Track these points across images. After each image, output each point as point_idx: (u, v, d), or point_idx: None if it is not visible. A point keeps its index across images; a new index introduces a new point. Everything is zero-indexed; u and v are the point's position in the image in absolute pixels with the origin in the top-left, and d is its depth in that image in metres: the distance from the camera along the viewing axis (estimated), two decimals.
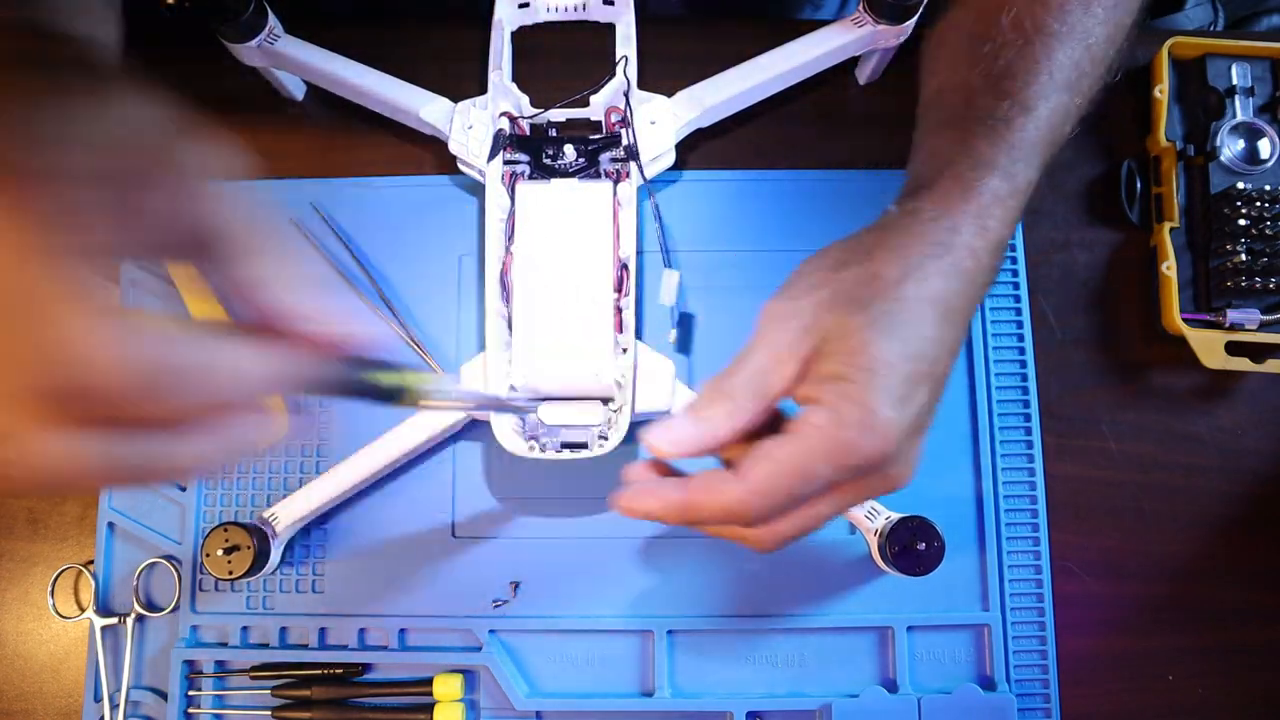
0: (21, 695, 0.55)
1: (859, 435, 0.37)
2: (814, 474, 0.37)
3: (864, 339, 0.38)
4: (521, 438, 0.49)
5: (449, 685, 0.52)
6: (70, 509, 0.56)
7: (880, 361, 0.38)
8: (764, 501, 0.38)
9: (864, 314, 0.39)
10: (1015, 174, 0.43)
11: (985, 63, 0.47)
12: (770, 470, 0.38)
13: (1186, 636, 0.55)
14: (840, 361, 0.38)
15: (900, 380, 0.38)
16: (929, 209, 0.42)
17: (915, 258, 0.40)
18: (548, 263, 0.50)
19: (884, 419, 0.37)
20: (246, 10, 0.53)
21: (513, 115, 0.53)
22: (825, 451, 0.37)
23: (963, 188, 0.43)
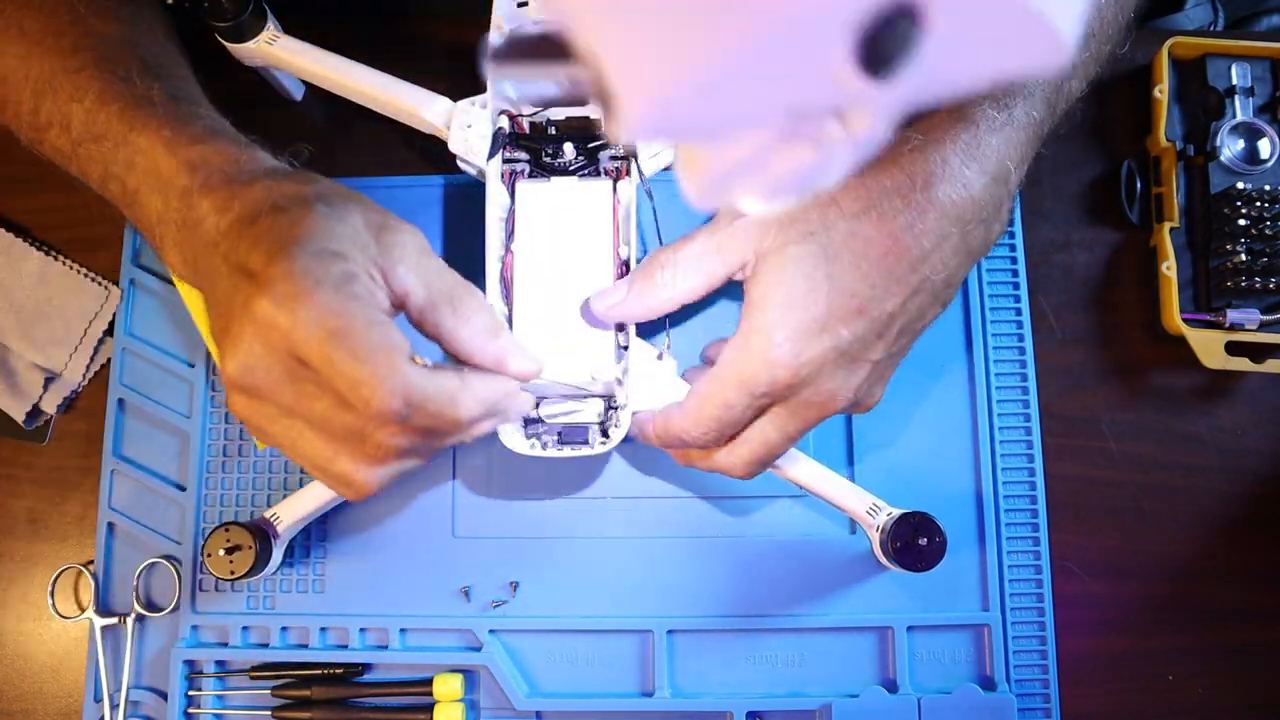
0: (21, 695, 0.54)
1: (760, 367, 0.40)
2: (730, 403, 0.42)
3: (788, 274, 0.40)
4: (522, 436, 0.49)
5: (449, 685, 0.52)
6: (70, 509, 0.56)
7: (794, 296, 0.40)
8: (699, 429, 0.43)
9: (802, 244, 0.40)
10: (1011, 105, 0.43)
11: None
12: (696, 403, 0.43)
13: (1186, 636, 0.55)
14: (762, 287, 0.41)
15: (815, 315, 0.40)
16: (915, 136, 0.42)
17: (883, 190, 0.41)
18: (548, 261, 0.50)
19: (783, 352, 0.40)
20: (246, 10, 0.53)
21: (512, 114, 0.53)
22: (735, 382, 0.41)
23: (954, 115, 0.42)
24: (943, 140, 0.41)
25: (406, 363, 0.36)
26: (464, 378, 0.38)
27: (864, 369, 0.42)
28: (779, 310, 0.40)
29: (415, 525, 0.55)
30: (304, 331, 0.34)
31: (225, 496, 0.56)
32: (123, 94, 0.42)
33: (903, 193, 0.40)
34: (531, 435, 0.49)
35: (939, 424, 0.56)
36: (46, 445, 0.57)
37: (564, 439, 0.49)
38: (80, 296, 0.58)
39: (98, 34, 0.45)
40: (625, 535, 0.55)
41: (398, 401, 0.35)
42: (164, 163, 0.40)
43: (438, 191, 0.59)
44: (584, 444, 0.49)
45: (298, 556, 0.55)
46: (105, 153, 0.42)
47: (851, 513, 0.51)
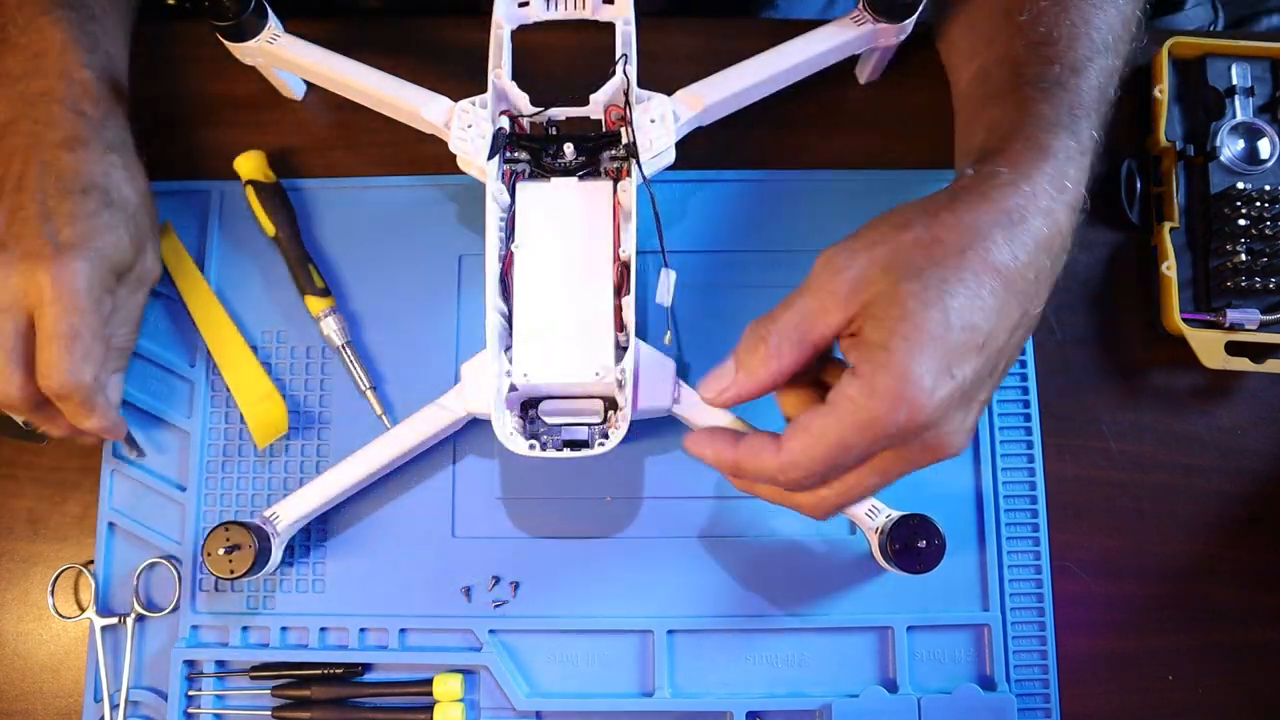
0: (21, 695, 0.54)
1: (891, 408, 0.37)
2: (848, 445, 0.38)
3: (909, 308, 0.38)
4: (522, 436, 0.49)
5: (449, 685, 0.52)
6: (70, 509, 0.56)
7: (922, 331, 0.37)
8: (799, 472, 0.40)
9: (915, 281, 0.38)
10: (1080, 131, 0.43)
11: (1025, 32, 0.47)
12: (805, 443, 0.39)
13: (1186, 636, 0.55)
14: (883, 329, 0.38)
15: (943, 351, 0.38)
16: (1005, 172, 0.41)
17: (984, 226, 0.40)
18: (548, 261, 0.50)
19: (917, 391, 0.37)
20: (247, 10, 0.53)
21: (513, 114, 0.53)
22: (857, 424, 0.38)
23: (1037, 149, 0.42)
24: (1031, 175, 0.41)
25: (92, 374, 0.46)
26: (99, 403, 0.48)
27: (975, 409, 0.40)
28: (907, 351, 0.37)
29: (415, 525, 0.55)
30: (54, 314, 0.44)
31: (225, 496, 0.56)
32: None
33: (1002, 227, 0.40)
34: (531, 436, 0.49)
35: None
36: (46, 445, 0.57)
37: (564, 441, 0.49)
38: None
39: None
40: (625, 535, 0.55)
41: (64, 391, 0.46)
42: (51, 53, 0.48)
43: (438, 191, 0.59)
44: (584, 445, 0.49)
45: (297, 556, 0.55)
46: None
47: (850, 514, 0.51)
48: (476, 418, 0.52)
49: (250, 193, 0.57)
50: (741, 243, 0.58)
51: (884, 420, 0.37)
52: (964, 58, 0.51)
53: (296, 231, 0.57)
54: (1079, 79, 0.45)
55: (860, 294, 0.39)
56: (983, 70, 0.49)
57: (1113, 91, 0.47)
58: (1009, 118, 0.44)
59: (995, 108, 0.46)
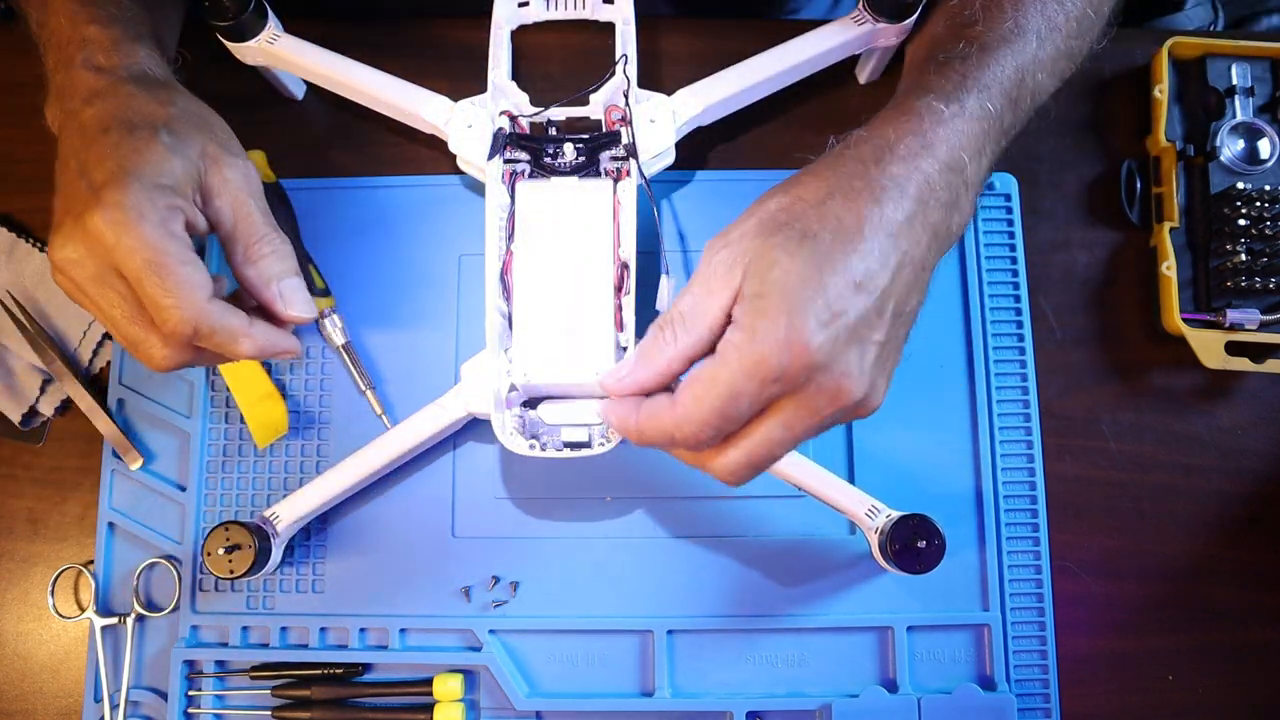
0: (21, 695, 0.54)
1: (773, 348, 0.38)
2: (737, 392, 0.39)
3: (776, 257, 0.39)
4: (522, 437, 0.49)
5: (449, 685, 0.52)
6: (70, 509, 0.56)
7: (791, 275, 0.39)
8: (693, 425, 0.40)
9: (780, 234, 0.40)
10: (961, 99, 0.44)
11: (953, 14, 0.48)
12: (695, 393, 0.39)
13: (1186, 636, 0.55)
14: (756, 280, 0.39)
15: (817, 289, 0.38)
16: (862, 133, 0.43)
17: (840, 177, 0.41)
18: (548, 261, 0.50)
19: (797, 328, 0.38)
20: (247, 10, 0.53)
21: (513, 114, 0.53)
22: (743, 368, 0.38)
23: (899, 110, 0.44)
24: (886, 130, 0.43)
25: (205, 300, 0.42)
26: (252, 323, 0.44)
27: (871, 351, 0.40)
28: (782, 295, 0.38)
29: (415, 525, 0.55)
30: (124, 254, 0.41)
31: (225, 496, 0.56)
32: None
33: (859, 174, 0.41)
34: (531, 436, 0.49)
35: (939, 424, 0.56)
36: (47, 446, 0.57)
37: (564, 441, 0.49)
38: None
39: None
40: (625, 535, 0.55)
41: (188, 328, 0.42)
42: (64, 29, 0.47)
43: (438, 191, 0.59)
44: (584, 445, 0.49)
45: (297, 556, 0.55)
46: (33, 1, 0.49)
47: (850, 515, 0.51)
48: (476, 418, 0.52)
49: None
50: None
51: (768, 361, 0.38)
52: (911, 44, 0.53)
53: (296, 231, 0.58)
54: (985, 56, 0.45)
55: (737, 265, 0.40)
56: (912, 52, 0.52)
57: (1045, 80, 0.47)
58: (900, 89, 0.46)
59: (900, 84, 0.48)
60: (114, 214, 0.41)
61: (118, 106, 0.44)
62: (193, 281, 0.42)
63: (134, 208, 0.41)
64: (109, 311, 0.43)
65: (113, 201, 0.41)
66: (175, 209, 0.43)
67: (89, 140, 0.44)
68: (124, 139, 0.43)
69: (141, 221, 0.41)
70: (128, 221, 0.41)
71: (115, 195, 0.41)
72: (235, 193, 0.45)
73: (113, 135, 0.43)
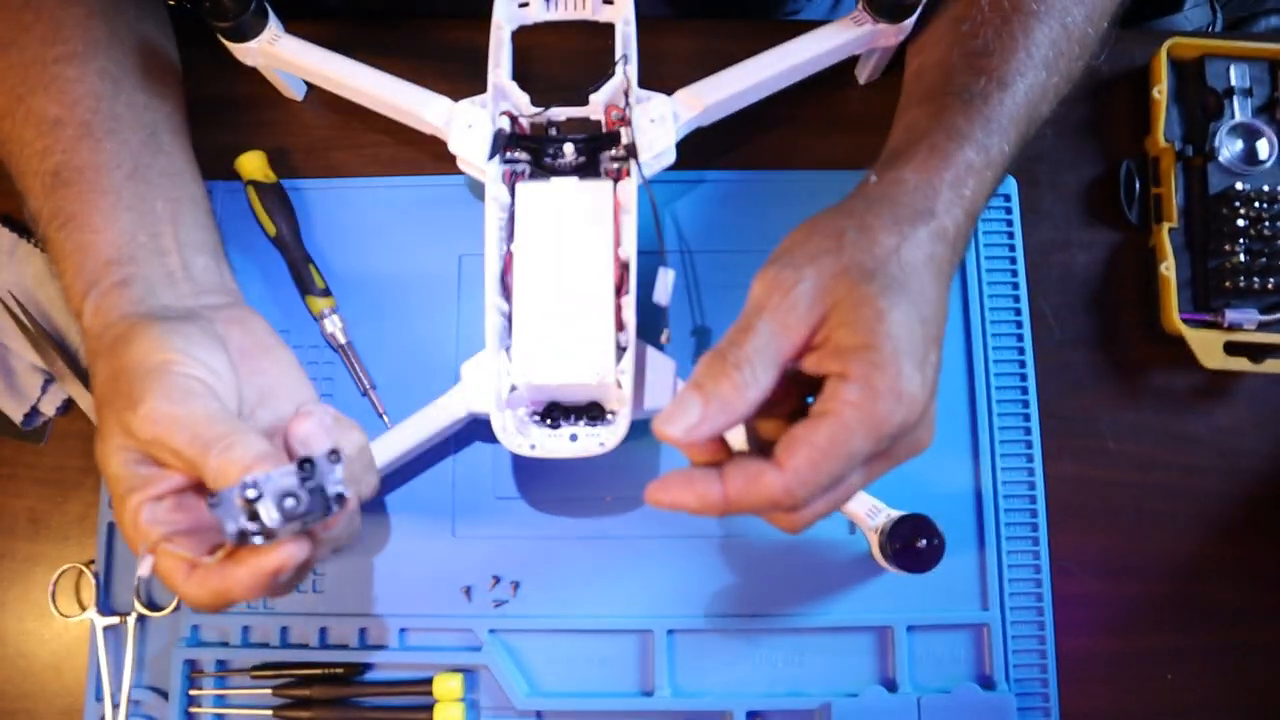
0: (23, 694, 0.55)
1: (893, 404, 0.37)
2: (855, 452, 0.37)
3: (880, 307, 0.38)
4: (522, 437, 0.49)
5: (449, 685, 0.52)
6: (72, 509, 0.56)
7: (900, 326, 0.38)
8: (807, 489, 0.37)
9: (875, 282, 0.39)
10: (989, 146, 0.45)
11: (964, 41, 0.48)
12: (811, 456, 0.37)
13: (1186, 636, 0.55)
14: (860, 331, 0.37)
15: (919, 343, 0.38)
16: (910, 177, 0.43)
17: (907, 224, 0.41)
18: (548, 261, 0.50)
19: (912, 383, 0.37)
20: (247, 10, 0.53)
21: (513, 114, 0.53)
22: (863, 426, 0.37)
23: (940, 157, 0.44)
24: (933, 180, 0.43)
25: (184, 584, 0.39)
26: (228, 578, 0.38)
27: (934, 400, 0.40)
28: (895, 349, 0.37)
29: (415, 525, 0.55)
30: None
31: None
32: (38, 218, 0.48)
33: (922, 223, 0.42)
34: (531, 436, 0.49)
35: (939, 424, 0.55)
36: (48, 445, 0.57)
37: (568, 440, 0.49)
38: None
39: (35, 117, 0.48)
40: (625, 535, 0.55)
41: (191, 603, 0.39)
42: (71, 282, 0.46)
43: (439, 192, 0.59)
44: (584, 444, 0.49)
45: None
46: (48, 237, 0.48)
47: (850, 514, 0.51)
48: (476, 417, 0.52)
49: (251, 193, 0.57)
50: (741, 243, 0.58)
51: (889, 419, 0.37)
52: (912, 52, 0.53)
53: (297, 231, 0.58)
54: (1004, 94, 0.46)
55: (820, 305, 0.38)
56: (921, 69, 0.52)
57: (1046, 108, 0.48)
58: (924, 123, 0.46)
59: (918, 109, 0.48)
60: None
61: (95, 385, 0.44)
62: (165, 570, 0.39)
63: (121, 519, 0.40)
64: None
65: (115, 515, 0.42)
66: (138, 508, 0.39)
67: None
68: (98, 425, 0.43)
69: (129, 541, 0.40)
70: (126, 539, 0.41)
71: None
72: (161, 445, 0.39)
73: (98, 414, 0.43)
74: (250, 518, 0.35)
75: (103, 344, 0.43)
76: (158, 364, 0.41)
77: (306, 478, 0.36)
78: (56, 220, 0.47)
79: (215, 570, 0.38)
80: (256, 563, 0.37)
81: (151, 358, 0.41)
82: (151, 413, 0.39)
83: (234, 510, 0.36)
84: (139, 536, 0.39)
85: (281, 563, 0.37)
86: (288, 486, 0.36)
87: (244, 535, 0.36)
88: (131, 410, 0.40)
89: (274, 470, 0.36)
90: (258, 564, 0.37)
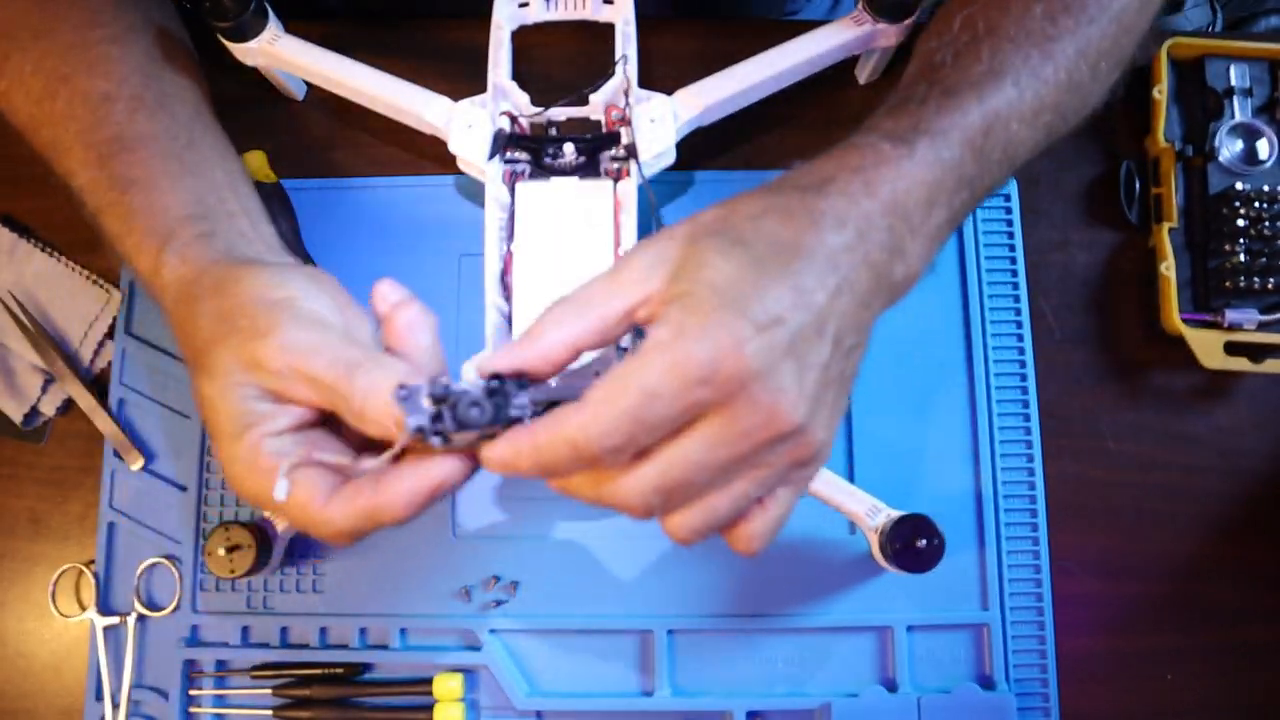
0: (23, 694, 0.55)
1: (701, 346, 0.33)
2: (655, 389, 0.34)
3: (706, 258, 0.36)
4: None
5: (449, 685, 0.52)
6: (71, 508, 0.56)
7: (725, 274, 0.35)
8: (603, 424, 0.34)
9: (715, 238, 0.37)
10: (911, 141, 0.41)
11: (926, 56, 0.46)
12: (606, 390, 0.34)
13: (1186, 636, 0.55)
14: (684, 280, 0.35)
15: (751, 290, 0.35)
16: (803, 164, 0.41)
17: (776, 199, 0.39)
18: (548, 262, 0.50)
19: (730, 329, 0.34)
20: (247, 10, 0.53)
21: (513, 114, 0.53)
22: (664, 364, 0.34)
23: (844, 147, 0.41)
24: (828, 164, 0.41)
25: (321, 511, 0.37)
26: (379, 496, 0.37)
27: (812, 374, 0.36)
28: (713, 292, 0.35)
29: (415, 525, 0.54)
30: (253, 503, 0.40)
31: (225, 496, 0.56)
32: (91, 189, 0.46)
33: (797, 199, 0.39)
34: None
35: (938, 424, 0.56)
36: (48, 445, 0.57)
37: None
38: (81, 299, 0.58)
39: (81, 94, 0.48)
40: (625, 535, 0.55)
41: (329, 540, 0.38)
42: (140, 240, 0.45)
43: (438, 191, 0.59)
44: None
45: (297, 556, 0.55)
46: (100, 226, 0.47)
47: (850, 514, 0.51)
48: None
49: None
50: None
51: (695, 358, 0.33)
52: None
53: (297, 231, 0.58)
54: (946, 101, 0.42)
55: (658, 267, 0.36)
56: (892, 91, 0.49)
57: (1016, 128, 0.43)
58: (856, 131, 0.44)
59: None
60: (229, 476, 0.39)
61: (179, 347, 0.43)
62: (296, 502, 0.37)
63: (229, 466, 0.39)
64: None
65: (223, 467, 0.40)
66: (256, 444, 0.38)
67: None
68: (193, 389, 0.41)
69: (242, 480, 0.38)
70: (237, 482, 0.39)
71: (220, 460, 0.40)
72: (292, 374, 0.38)
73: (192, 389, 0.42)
74: (433, 419, 0.35)
75: (201, 287, 0.42)
76: (282, 298, 0.40)
77: (493, 392, 0.35)
78: (119, 185, 0.46)
79: (368, 486, 0.37)
80: (424, 472, 0.36)
81: (274, 292, 0.41)
82: (286, 340, 0.38)
83: (420, 405, 0.35)
84: (261, 470, 0.38)
85: (448, 476, 0.36)
86: (474, 396, 0.35)
87: (423, 432, 0.35)
88: (261, 340, 0.38)
89: (463, 381, 0.36)
90: (425, 474, 0.36)
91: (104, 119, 0.47)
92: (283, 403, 0.39)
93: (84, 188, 0.47)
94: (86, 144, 0.47)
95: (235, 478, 0.39)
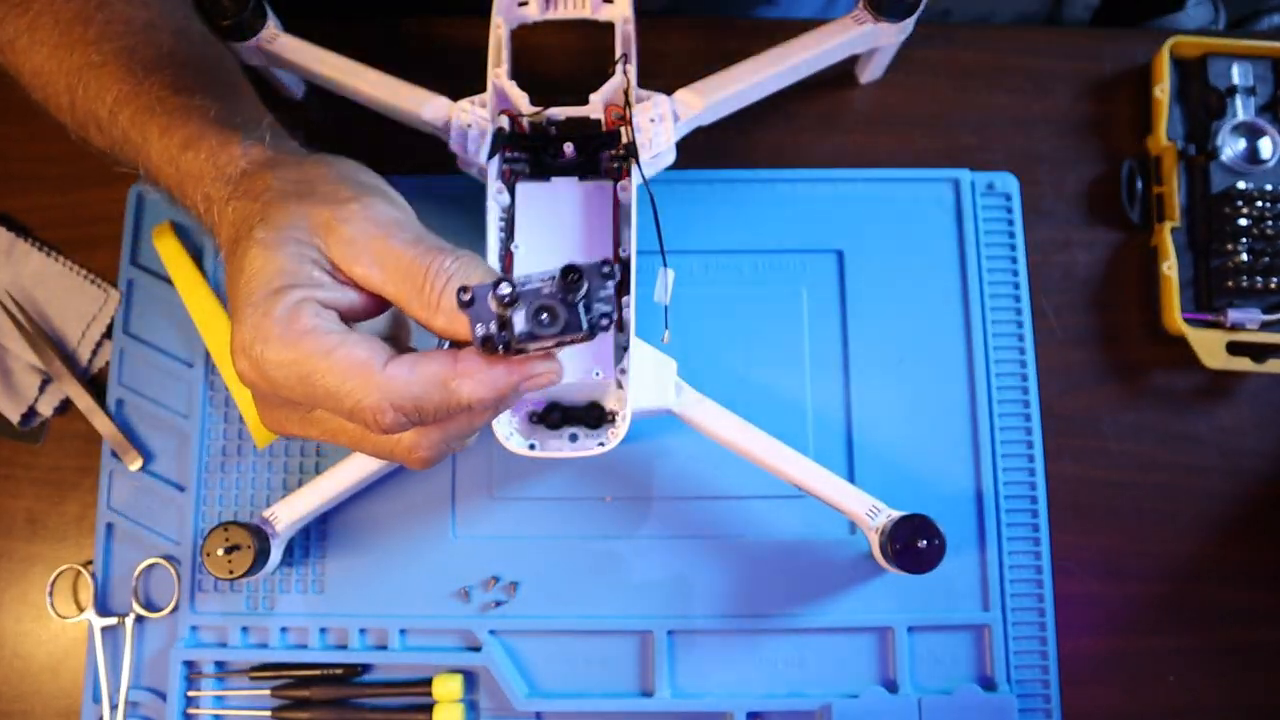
0: (20, 695, 0.54)
1: None
2: None
3: None
4: (521, 437, 0.49)
5: (449, 685, 0.52)
6: (69, 509, 0.56)
7: None
8: None
9: None
10: None
11: None
12: None
13: (1186, 636, 0.55)
14: None
15: None
16: None
17: None
18: (548, 261, 0.50)
19: None
20: (246, 10, 0.53)
21: (512, 114, 0.53)
22: None
23: None
24: None
25: (381, 372, 0.35)
26: (458, 362, 0.35)
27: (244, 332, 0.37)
28: None
29: (415, 525, 0.55)
30: (277, 384, 0.36)
31: (224, 496, 0.55)
32: (133, 96, 0.44)
33: None
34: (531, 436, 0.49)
35: (939, 424, 0.56)
36: (46, 446, 0.57)
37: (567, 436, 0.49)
38: (79, 299, 0.58)
39: (122, 19, 0.46)
40: (625, 535, 0.55)
41: (388, 415, 0.35)
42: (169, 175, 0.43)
43: (438, 191, 0.59)
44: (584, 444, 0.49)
45: (297, 556, 0.55)
46: (132, 155, 0.44)
47: (850, 514, 0.51)
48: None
49: None
50: (741, 242, 0.58)
51: None
52: None
53: None
54: None
55: None
56: None
57: None
58: None
59: None
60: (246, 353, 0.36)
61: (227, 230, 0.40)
62: (353, 362, 0.35)
63: (255, 330, 0.35)
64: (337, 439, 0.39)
65: (240, 337, 0.36)
66: (299, 304, 0.36)
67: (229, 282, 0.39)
68: (232, 263, 0.38)
69: (268, 344, 0.35)
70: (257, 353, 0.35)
71: (239, 327, 0.36)
72: (367, 246, 0.37)
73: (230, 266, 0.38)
74: (501, 325, 0.32)
75: (280, 160, 0.40)
76: (369, 182, 0.39)
77: (571, 290, 0.32)
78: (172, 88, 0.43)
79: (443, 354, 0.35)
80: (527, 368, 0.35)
81: (362, 175, 0.40)
82: (371, 211, 0.37)
83: (487, 312, 0.32)
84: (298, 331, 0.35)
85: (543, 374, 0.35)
86: (546, 299, 0.32)
87: (489, 342, 0.33)
88: (343, 206, 0.37)
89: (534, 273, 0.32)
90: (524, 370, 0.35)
91: (148, 41, 0.45)
92: (340, 279, 0.37)
93: (121, 98, 0.44)
94: (128, 61, 0.44)
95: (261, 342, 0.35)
